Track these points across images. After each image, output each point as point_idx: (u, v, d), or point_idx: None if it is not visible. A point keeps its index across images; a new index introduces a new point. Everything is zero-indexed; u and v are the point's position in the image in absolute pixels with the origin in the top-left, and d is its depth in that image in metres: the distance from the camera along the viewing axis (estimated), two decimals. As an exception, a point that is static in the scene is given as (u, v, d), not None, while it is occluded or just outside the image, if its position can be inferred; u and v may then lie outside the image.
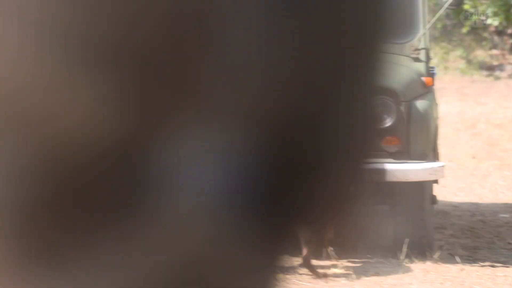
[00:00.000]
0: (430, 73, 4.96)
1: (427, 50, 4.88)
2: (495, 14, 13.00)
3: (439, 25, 13.58)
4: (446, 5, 4.75)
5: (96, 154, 0.39)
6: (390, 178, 4.18)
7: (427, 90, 4.76)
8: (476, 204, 5.91)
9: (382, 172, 4.13)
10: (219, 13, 0.39)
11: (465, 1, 12.97)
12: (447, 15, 13.45)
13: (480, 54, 13.25)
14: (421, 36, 4.79)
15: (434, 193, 4.94)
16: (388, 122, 4.24)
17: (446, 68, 12.71)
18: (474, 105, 10.18)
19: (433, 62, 11.28)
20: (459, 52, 13.15)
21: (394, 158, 4.26)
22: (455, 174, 6.78)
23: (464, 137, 8.35)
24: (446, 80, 11.88)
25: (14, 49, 0.38)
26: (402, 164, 4.26)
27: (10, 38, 0.38)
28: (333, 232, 3.48)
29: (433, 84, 4.92)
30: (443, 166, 4.51)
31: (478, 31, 13.59)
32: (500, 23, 13.14)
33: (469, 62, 13.05)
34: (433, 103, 4.69)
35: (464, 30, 13.29)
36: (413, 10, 4.77)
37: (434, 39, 13.19)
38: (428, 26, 4.87)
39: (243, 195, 0.40)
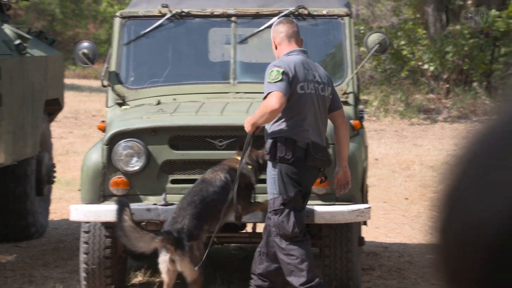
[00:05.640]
0: (359, 117, 4.71)
1: (355, 94, 4.80)
2: (431, 60, 13.16)
3: (379, 69, 14.09)
4: (372, 52, 4.80)
5: None
6: (318, 220, 4.23)
7: (355, 133, 4.66)
8: (405, 245, 5.89)
9: (311, 214, 4.18)
10: None
11: (403, 47, 13.42)
12: (386, 60, 13.79)
13: (418, 97, 13.37)
14: (349, 81, 4.80)
15: (363, 234, 4.83)
16: (317, 165, 4.27)
17: (386, 110, 12.81)
18: (411, 147, 10.32)
19: (374, 104, 12.75)
20: (398, 95, 13.24)
21: (322, 200, 4.31)
22: (388, 215, 6.80)
23: (399, 179, 8.40)
24: (386, 122, 12.11)
25: None
26: (329, 206, 4.30)
27: None
28: None
29: (361, 127, 4.75)
30: (369, 208, 4.49)
31: (416, 76, 13.84)
32: (436, 69, 13.33)
33: (407, 105, 13.09)
34: (361, 146, 4.70)
35: (403, 74, 13.77)
36: (341, 56, 4.90)
37: (376, 82, 13.75)
38: (355, 71, 4.88)
39: None
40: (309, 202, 4.23)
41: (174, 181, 4.39)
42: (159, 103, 4.67)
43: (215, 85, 4.85)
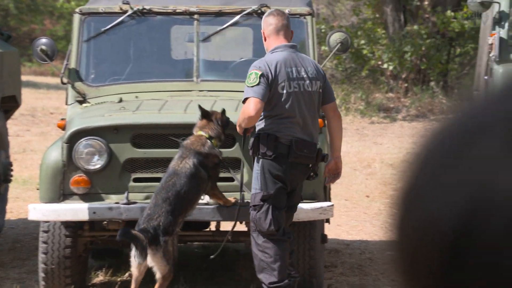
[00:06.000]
0: (321, 115, 4.73)
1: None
2: (390, 60, 13.40)
3: (340, 68, 14.31)
4: (334, 51, 4.82)
5: None
6: (281, 218, 4.21)
7: (319, 131, 4.65)
8: (366, 242, 5.95)
9: None
10: None
11: (363, 46, 13.58)
12: (346, 59, 14.05)
13: (378, 96, 13.48)
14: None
15: (325, 232, 4.82)
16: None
17: (347, 109, 12.93)
18: (371, 145, 10.38)
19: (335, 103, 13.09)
20: (359, 94, 13.31)
21: None
22: (349, 213, 6.85)
23: (360, 177, 8.42)
24: (347, 121, 12.15)
25: None
26: (293, 204, 4.31)
27: None
28: None
29: (324, 126, 4.74)
30: (332, 205, 4.48)
31: (375, 75, 14.07)
32: (395, 68, 13.49)
33: (368, 104, 13.13)
34: (324, 144, 4.71)
35: (363, 73, 13.91)
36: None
37: (337, 81, 13.86)
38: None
39: None
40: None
41: (136, 180, 4.34)
42: (121, 100, 4.61)
43: (178, 83, 4.81)
